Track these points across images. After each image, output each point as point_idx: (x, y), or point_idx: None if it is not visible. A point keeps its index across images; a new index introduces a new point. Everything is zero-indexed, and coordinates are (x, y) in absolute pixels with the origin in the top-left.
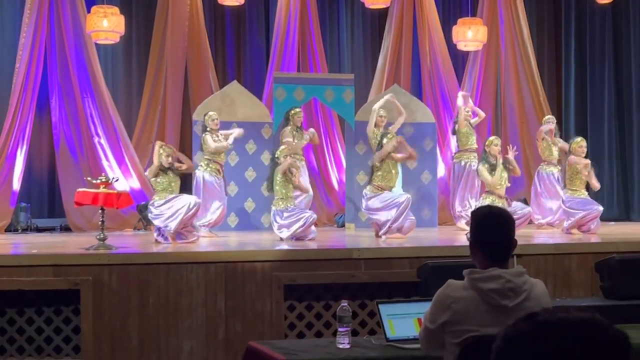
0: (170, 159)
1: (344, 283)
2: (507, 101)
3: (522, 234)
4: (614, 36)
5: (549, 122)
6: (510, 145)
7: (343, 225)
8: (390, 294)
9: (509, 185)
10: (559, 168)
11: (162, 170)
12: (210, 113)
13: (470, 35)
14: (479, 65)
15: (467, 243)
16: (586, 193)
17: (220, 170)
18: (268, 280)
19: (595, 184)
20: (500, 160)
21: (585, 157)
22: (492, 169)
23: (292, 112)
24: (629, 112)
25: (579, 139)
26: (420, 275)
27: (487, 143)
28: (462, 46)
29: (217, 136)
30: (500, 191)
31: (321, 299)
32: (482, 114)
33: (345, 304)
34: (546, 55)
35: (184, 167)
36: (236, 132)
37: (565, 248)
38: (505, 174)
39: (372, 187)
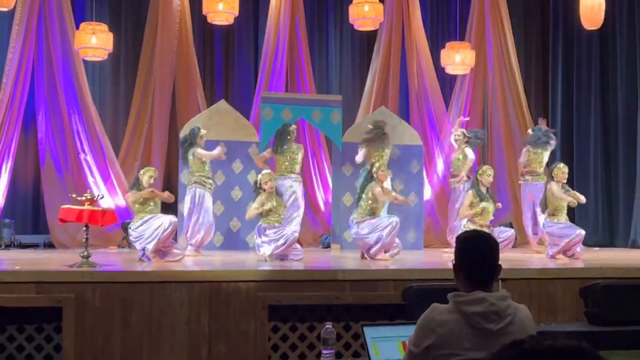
0: (152, 180)
1: (329, 304)
2: (493, 125)
3: (507, 258)
4: (601, 62)
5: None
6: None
7: (328, 246)
8: (375, 316)
9: (491, 218)
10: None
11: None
12: (202, 131)
13: (458, 59)
14: (467, 89)
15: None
16: (566, 217)
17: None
18: (252, 300)
19: (580, 198)
20: (488, 191)
21: (567, 182)
22: (481, 199)
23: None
24: (615, 138)
25: (561, 164)
26: (405, 297)
27: (479, 172)
28: (450, 70)
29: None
30: (482, 222)
31: (305, 320)
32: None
33: (330, 326)
34: (533, 80)
35: (164, 195)
36: (216, 152)
37: (550, 273)
38: (491, 207)
39: (360, 213)
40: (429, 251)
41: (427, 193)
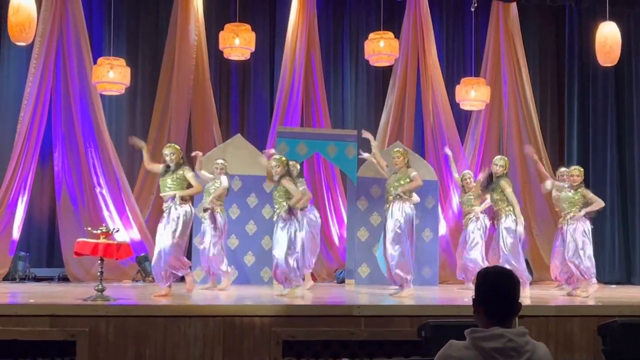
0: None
1: (344, 340)
2: (509, 160)
3: (523, 295)
4: (616, 99)
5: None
6: None
7: (343, 281)
8: (390, 353)
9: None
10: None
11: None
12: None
13: (474, 94)
14: (482, 125)
15: (468, 303)
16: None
17: None
18: (267, 335)
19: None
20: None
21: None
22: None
23: None
24: (632, 174)
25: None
26: (420, 334)
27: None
28: (465, 105)
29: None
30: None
31: (320, 356)
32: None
33: None
34: (549, 116)
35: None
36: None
37: (567, 310)
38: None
39: None
40: (444, 287)
41: (442, 228)
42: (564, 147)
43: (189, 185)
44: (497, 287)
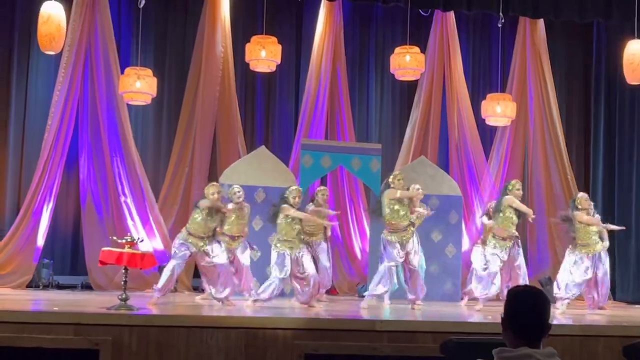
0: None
1: (366, 355)
2: (534, 178)
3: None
4: None
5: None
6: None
7: (364, 296)
8: None
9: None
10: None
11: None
12: (235, 188)
13: (499, 110)
14: (507, 141)
15: (492, 320)
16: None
17: None
18: (289, 348)
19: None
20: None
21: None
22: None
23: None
24: None
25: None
26: (443, 350)
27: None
28: (490, 121)
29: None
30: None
31: None
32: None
33: None
34: (575, 133)
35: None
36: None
37: (591, 330)
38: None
39: None
40: (468, 304)
41: (466, 244)
42: (589, 166)
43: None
44: (526, 306)
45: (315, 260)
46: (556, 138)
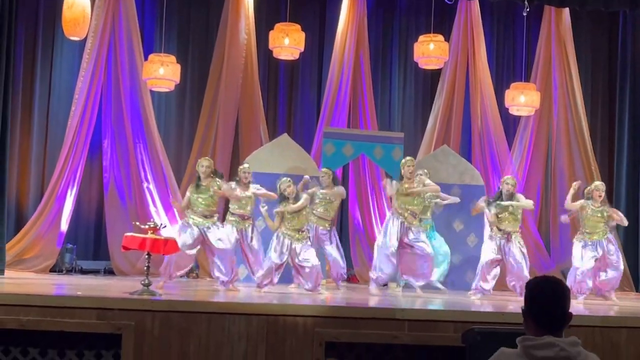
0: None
1: (387, 343)
2: (557, 168)
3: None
4: None
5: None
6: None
7: (386, 284)
8: (433, 358)
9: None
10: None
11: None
12: (245, 165)
13: (523, 100)
14: (530, 131)
15: (515, 309)
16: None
17: None
18: (310, 336)
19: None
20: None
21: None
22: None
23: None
24: None
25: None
26: (465, 340)
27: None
28: (514, 110)
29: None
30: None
31: (362, 359)
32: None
33: None
34: (599, 123)
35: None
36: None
37: (613, 321)
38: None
39: None
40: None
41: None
42: (613, 156)
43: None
44: (547, 296)
45: (324, 251)
46: (580, 128)
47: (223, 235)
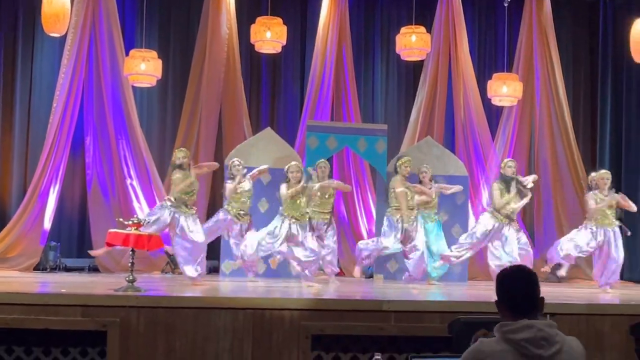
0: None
1: (373, 335)
2: (540, 158)
3: (554, 293)
4: None
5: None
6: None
7: (372, 276)
8: (420, 349)
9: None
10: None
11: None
12: (234, 160)
13: (506, 90)
14: (513, 121)
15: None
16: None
17: None
18: (296, 329)
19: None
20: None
21: (617, 218)
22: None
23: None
24: None
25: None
26: (451, 330)
27: (502, 165)
28: (496, 101)
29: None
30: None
31: (349, 351)
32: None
33: (379, 356)
34: (581, 113)
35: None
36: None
37: (598, 309)
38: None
39: None
40: (474, 283)
41: (472, 224)
42: (595, 146)
43: None
44: (519, 285)
45: (322, 240)
46: (563, 118)
47: (197, 229)
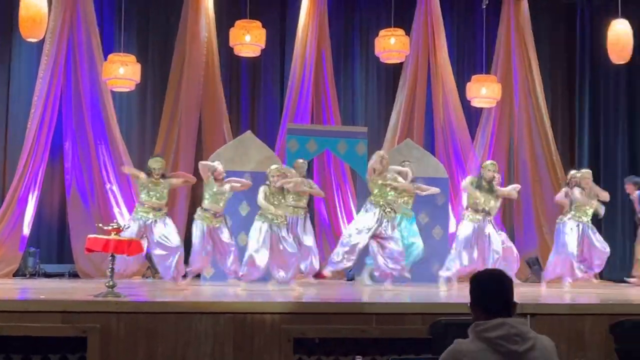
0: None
1: (355, 338)
2: (519, 158)
3: (534, 294)
4: (628, 96)
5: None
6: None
7: (353, 279)
8: (402, 351)
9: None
10: None
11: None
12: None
13: (484, 92)
14: (492, 122)
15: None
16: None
17: None
18: (277, 333)
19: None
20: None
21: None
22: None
23: None
24: None
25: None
26: (432, 332)
27: (482, 166)
28: (475, 103)
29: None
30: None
31: (331, 354)
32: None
33: (360, 359)
34: (560, 113)
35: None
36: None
37: (580, 309)
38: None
39: None
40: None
41: (452, 226)
42: (574, 146)
43: None
44: (489, 290)
45: (300, 241)
46: (541, 118)
47: (168, 231)
